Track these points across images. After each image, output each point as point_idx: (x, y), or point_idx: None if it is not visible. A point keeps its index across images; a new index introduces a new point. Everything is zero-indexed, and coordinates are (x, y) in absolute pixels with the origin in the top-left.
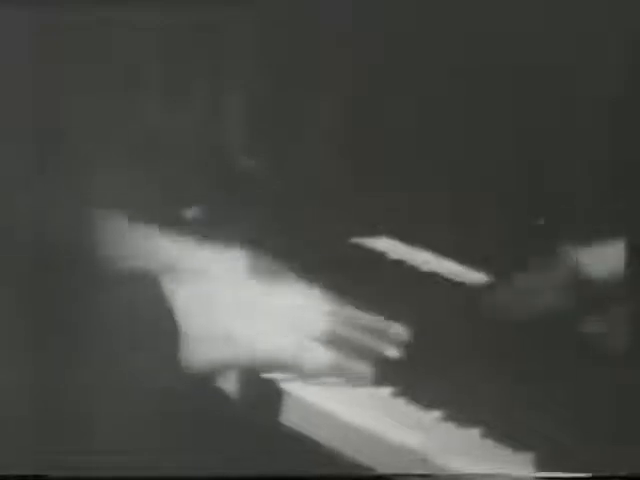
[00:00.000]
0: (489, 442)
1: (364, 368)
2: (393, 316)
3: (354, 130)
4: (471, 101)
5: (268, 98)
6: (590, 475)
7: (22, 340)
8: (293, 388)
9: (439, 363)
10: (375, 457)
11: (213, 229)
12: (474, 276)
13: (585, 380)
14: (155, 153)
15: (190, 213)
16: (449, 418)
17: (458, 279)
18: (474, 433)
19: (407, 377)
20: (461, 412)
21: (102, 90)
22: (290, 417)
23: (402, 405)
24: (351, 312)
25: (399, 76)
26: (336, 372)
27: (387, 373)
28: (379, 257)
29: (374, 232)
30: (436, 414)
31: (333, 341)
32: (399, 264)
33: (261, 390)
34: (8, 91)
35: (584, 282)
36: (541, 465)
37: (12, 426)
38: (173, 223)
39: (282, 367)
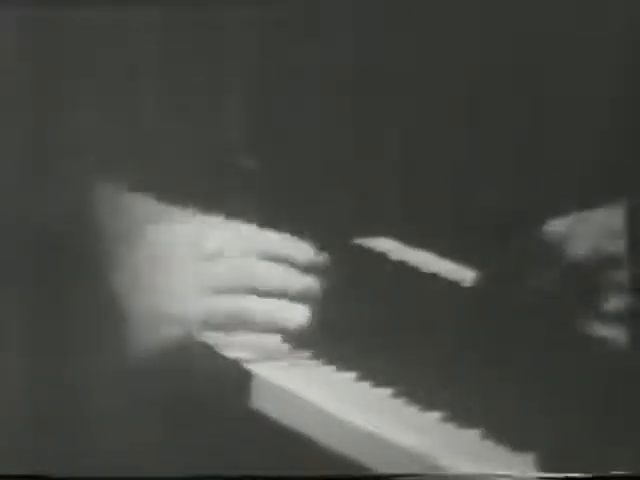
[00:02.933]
0: (489, 442)
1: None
2: (394, 316)
3: (355, 129)
4: (471, 101)
5: (268, 97)
6: (590, 475)
7: (21, 339)
8: (292, 388)
9: (440, 363)
10: (376, 457)
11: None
12: (475, 276)
13: (586, 380)
14: (155, 152)
15: (189, 211)
16: (450, 419)
17: (459, 279)
18: (474, 433)
19: (408, 378)
20: (462, 413)
21: (101, 89)
22: (290, 417)
23: (403, 406)
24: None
25: (400, 76)
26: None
27: (388, 373)
28: (379, 257)
29: (374, 232)
30: (437, 415)
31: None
32: (399, 264)
33: (256, 388)
34: (7, 90)
35: (585, 281)
36: (541, 465)
37: (12, 426)
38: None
39: (283, 364)
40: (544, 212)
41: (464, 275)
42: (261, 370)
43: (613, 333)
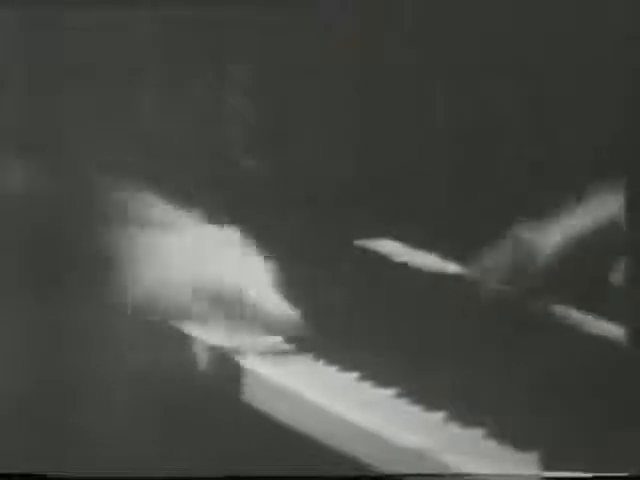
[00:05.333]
0: (492, 442)
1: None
2: (396, 317)
3: (356, 128)
4: (472, 102)
5: (269, 98)
6: (594, 475)
7: (21, 339)
8: (296, 387)
9: (443, 363)
10: (379, 457)
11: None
12: (478, 277)
13: (590, 379)
14: (155, 152)
15: (191, 212)
16: (452, 418)
17: (462, 280)
18: (477, 433)
19: (411, 377)
20: (464, 412)
21: (102, 89)
22: (293, 416)
23: (405, 405)
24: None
25: (401, 76)
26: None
27: (391, 373)
28: (381, 258)
29: (377, 233)
30: (439, 414)
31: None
32: (402, 265)
33: (263, 389)
34: (7, 91)
35: (588, 281)
36: (545, 465)
37: (12, 426)
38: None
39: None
40: (544, 212)
41: (466, 276)
42: (264, 370)
43: (618, 332)
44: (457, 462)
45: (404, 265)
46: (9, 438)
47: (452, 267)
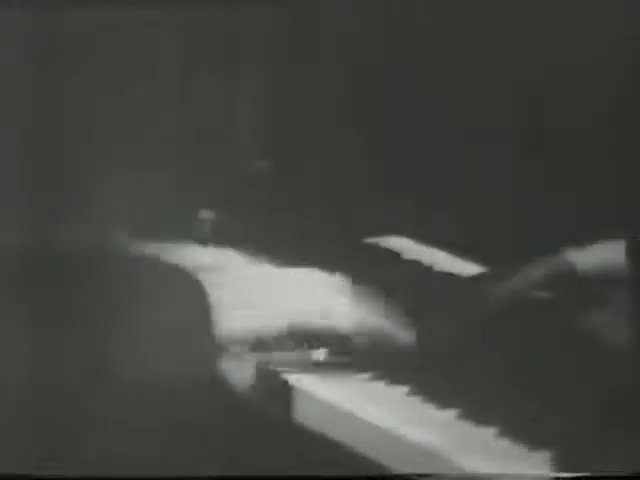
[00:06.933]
0: (505, 441)
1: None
2: (407, 315)
3: (365, 129)
4: (474, 101)
5: (279, 99)
6: (606, 474)
7: (22, 339)
8: (305, 385)
9: (455, 361)
10: (390, 456)
11: (223, 231)
12: (489, 275)
13: (603, 379)
14: (166, 154)
15: (201, 215)
16: (464, 417)
17: (473, 278)
18: (490, 432)
19: (422, 375)
20: (477, 411)
21: (111, 91)
22: (303, 415)
23: (417, 404)
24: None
25: (406, 75)
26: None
27: (402, 371)
28: (392, 256)
29: (387, 232)
30: (451, 413)
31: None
32: (412, 263)
33: (272, 386)
34: (11, 92)
35: (595, 281)
36: (558, 465)
37: (12, 426)
38: (183, 225)
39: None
40: (546, 214)
41: (479, 274)
42: (272, 367)
43: (630, 332)
44: (469, 461)
45: (415, 262)
46: (8, 439)
47: (463, 264)
